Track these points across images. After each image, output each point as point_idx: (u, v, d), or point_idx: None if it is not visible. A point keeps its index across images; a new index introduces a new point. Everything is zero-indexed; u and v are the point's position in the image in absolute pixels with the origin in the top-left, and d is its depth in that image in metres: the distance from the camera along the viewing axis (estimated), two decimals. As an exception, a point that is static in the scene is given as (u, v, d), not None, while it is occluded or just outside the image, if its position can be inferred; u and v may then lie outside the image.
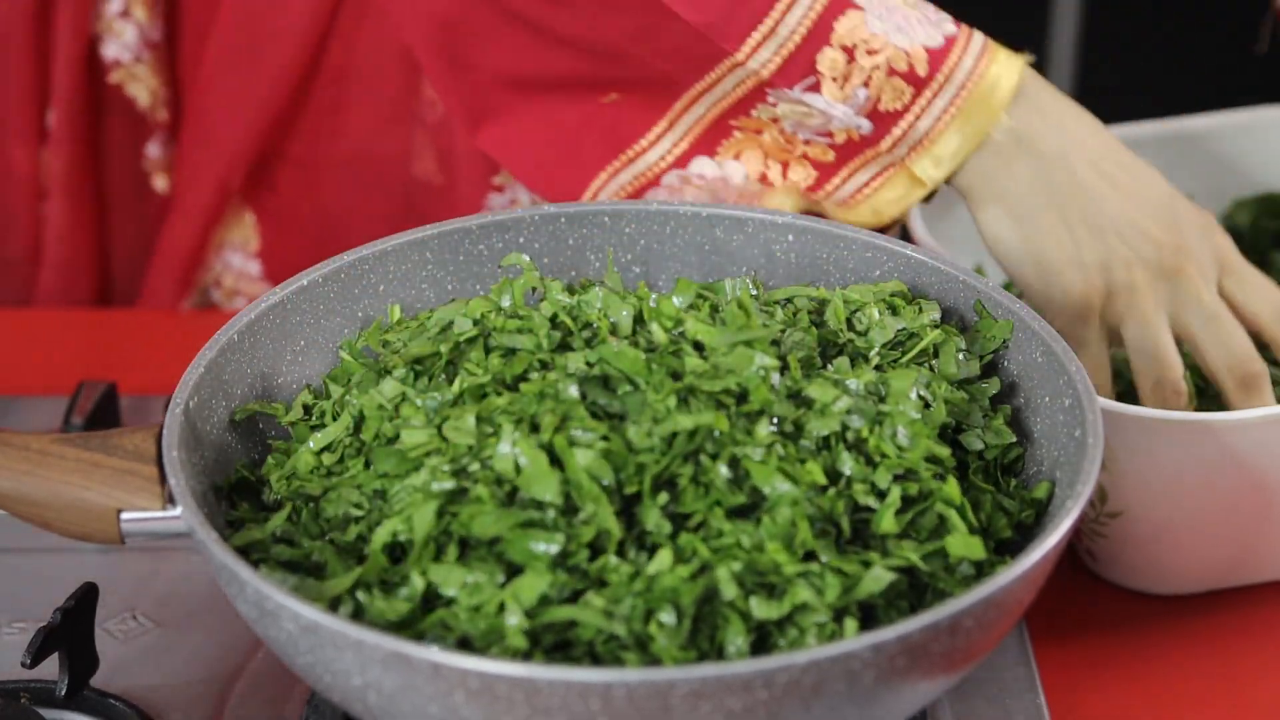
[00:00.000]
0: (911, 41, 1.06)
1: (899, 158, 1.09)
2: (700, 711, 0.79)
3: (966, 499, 0.91)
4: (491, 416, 0.90)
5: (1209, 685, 1.05)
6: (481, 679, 0.79)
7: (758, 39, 1.06)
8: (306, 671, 0.86)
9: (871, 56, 1.06)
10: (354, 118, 1.33)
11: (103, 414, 1.19)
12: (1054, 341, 0.97)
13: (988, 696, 1.02)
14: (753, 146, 1.11)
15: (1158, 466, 1.04)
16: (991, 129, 1.07)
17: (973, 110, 1.07)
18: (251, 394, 0.99)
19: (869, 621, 0.87)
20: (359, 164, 1.34)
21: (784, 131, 1.09)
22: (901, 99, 1.07)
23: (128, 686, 1.02)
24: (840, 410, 0.91)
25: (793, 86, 1.06)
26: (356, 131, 1.33)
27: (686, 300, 0.99)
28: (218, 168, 1.33)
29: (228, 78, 1.32)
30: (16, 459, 0.93)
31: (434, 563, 0.87)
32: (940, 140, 1.08)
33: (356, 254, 1.03)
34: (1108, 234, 1.07)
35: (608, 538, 0.86)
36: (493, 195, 1.31)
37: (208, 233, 1.36)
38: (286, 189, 1.36)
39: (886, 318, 1.00)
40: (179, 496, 0.88)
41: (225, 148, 1.33)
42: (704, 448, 0.88)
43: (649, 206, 1.07)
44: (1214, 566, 1.10)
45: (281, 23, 1.30)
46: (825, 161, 1.10)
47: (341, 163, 1.34)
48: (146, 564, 1.10)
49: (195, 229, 1.36)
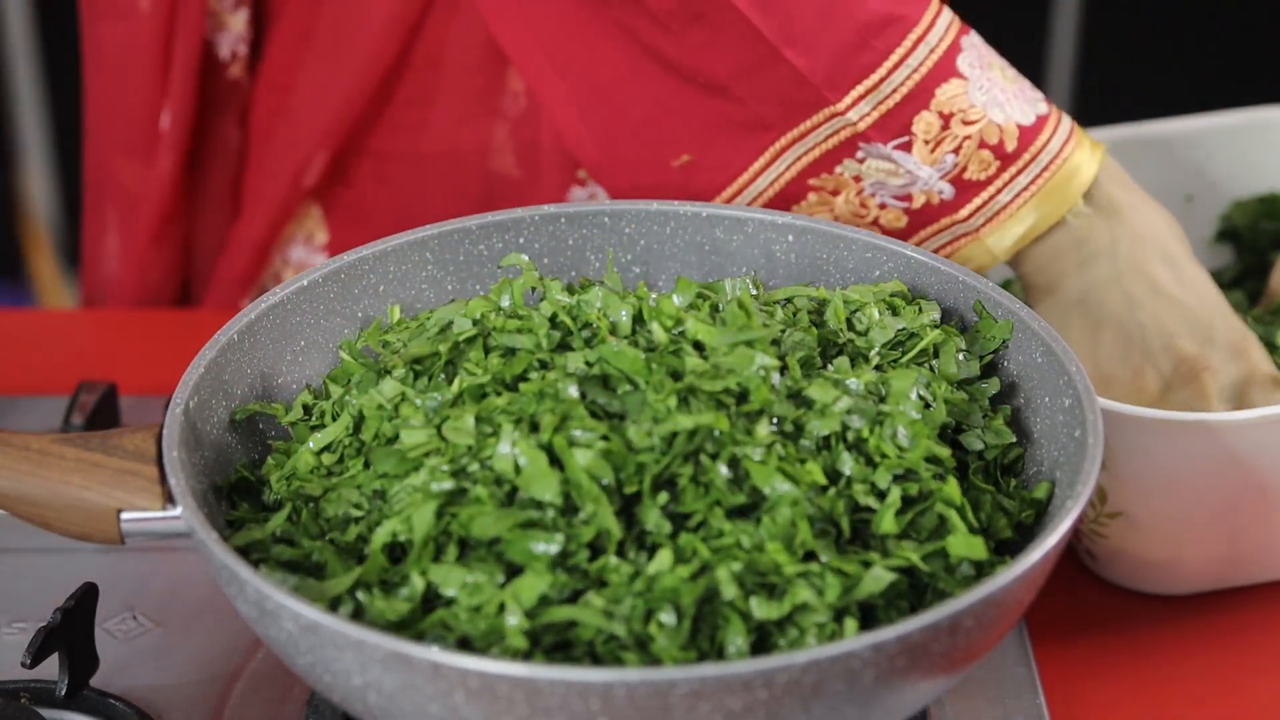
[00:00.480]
0: (1006, 117, 1.09)
1: (974, 228, 1.10)
2: (700, 711, 0.79)
3: (966, 499, 0.91)
4: (491, 416, 0.90)
5: (1209, 685, 1.05)
6: (481, 679, 0.79)
7: (860, 92, 1.07)
8: (306, 671, 0.86)
9: (967, 126, 1.08)
10: (437, 111, 1.32)
11: (103, 414, 1.19)
12: (1054, 341, 0.97)
13: (988, 696, 1.02)
14: (825, 211, 1.12)
15: (1158, 466, 1.04)
16: (1066, 212, 1.10)
17: (1051, 191, 1.09)
18: (251, 394, 0.99)
19: (869, 621, 0.87)
20: (437, 158, 1.33)
21: (861, 194, 1.10)
22: (987, 171, 1.09)
23: (128, 686, 1.02)
24: (840, 410, 0.91)
25: (887, 142, 1.08)
26: (438, 125, 1.32)
27: (686, 299, 0.99)
28: (296, 160, 1.33)
29: (313, 70, 1.31)
30: (16, 459, 0.93)
31: (434, 563, 0.87)
32: (1017, 215, 1.10)
33: (356, 254, 1.03)
34: (1132, 345, 1.09)
35: (608, 538, 0.86)
36: (575, 189, 1.31)
37: (277, 228, 1.36)
38: (360, 183, 1.35)
39: (887, 318, 1.00)
40: (179, 496, 0.88)
41: (306, 141, 1.32)
42: (704, 448, 0.88)
43: (649, 206, 1.07)
44: (1214, 566, 1.10)
45: (371, 15, 1.29)
46: (897, 229, 1.12)
47: (420, 156, 1.33)
48: (146, 564, 1.10)
49: (265, 223, 1.35)
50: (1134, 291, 1.09)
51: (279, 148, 1.34)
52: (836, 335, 0.99)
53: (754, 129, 1.11)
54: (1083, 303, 1.10)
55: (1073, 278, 1.11)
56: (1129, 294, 1.09)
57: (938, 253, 1.11)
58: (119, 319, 1.38)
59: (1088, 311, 1.10)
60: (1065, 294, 1.11)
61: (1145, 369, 1.08)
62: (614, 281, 1.03)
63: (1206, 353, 1.08)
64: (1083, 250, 1.10)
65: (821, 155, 1.10)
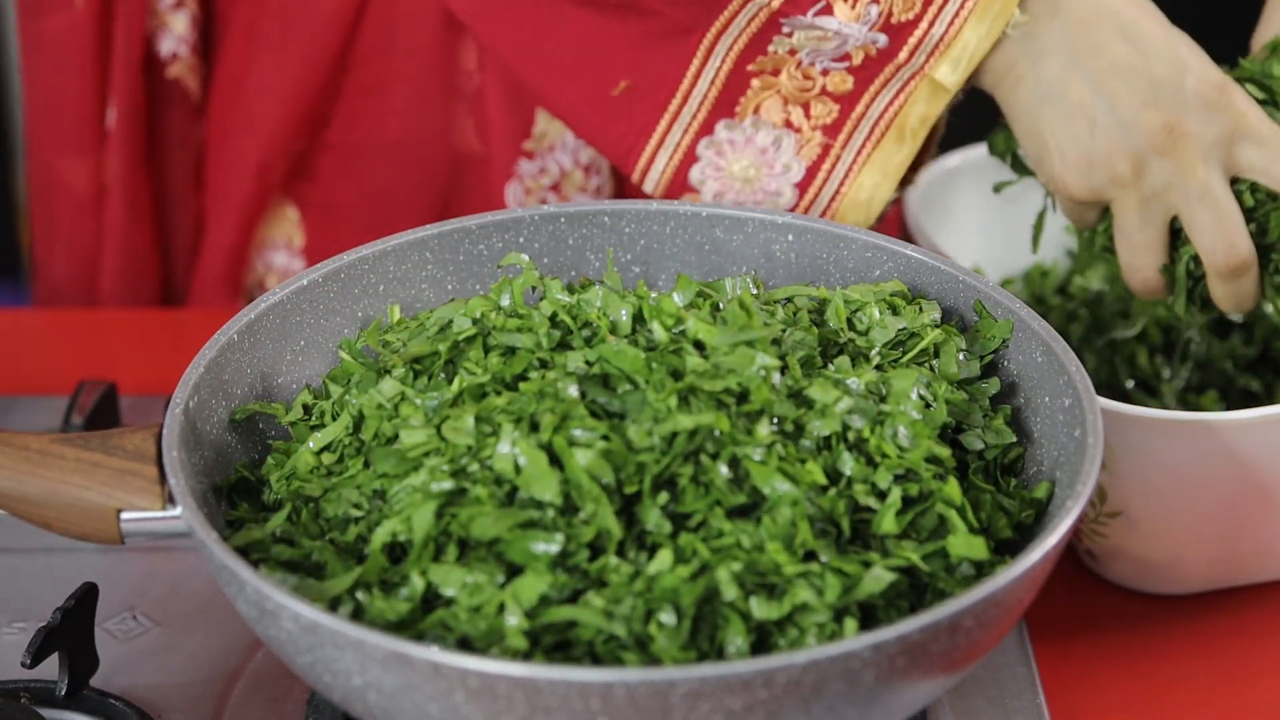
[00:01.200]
0: None
1: (918, 67, 1.08)
2: (700, 711, 0.79)
3: (967, 499, 0.91)
4: (491, 416, 0.90)
5: (1209, 685, 1.05)
6: (481, 679, 0.79)
7: None
8: (306, 671, 0.86)
9: None
10: (394, 98, 1.32)
11: (103, 414, 1.19)
12: (1054, 341, 0.97)
13: (988, 696, 1.02)
14: (771, 94, 1.10)
15: (1158, 466, 1.04)
16: (1005, 26, 1.07)
17: (984, 9, 1.07)
18: (251, 394, 0.99)
19: (869, 621, 0.87)
20: (400, 145, 1.33)
21: (801, 65, 1.09)
22: (913, 9, 1.07)
23: (128, 686, 1.02)
24: (841, 410, 0.91)
25: (805, 12, 1.06)
26: (398, 111, 1.32)
27: (687, 298, 0.99)
28: (257, 154, 1.33)
29: (263, 60, 1.31)
30: (16, 459, 0.93)
31: (434, 563, 0.87)
32: (957, 42, 1.07)
33: (356, 254, 1.03)
34: (1099, 130, 1.05)
35: (608, 538, 0.86)
36: (522, 161, 1.31)
37: (250, 226, 1.35)
38: (326, 178, 1.35)
39: (887, 317, 1.00)
40: (179, 496, 0.88)
41: (263, 132, 1.32)
42: (704, 447, 0.88)
43: (649, 206, 1.07)
44: (1214, 566, 1.10)
45: (318, 5, 1.29)
46: (845, 91, 1.10)
47: (383, 145, 1.33)
48: (146, 564, 1.10)
49: (237, 221, 1.35)
50: (1094, 76, 1.06)
51: (239, 145, 1.34)
52: (837, 335, 0.99)
53: (678, 35, 1.10)
54: (1046, 100, 1.07)
55: (1029, 80, 1.08)
56: (1090, 79, 1.06)
57: (893, 102, 1.09)
58: (119, 319, 1.38)
59: (1053, 107, 1.07)
60: (1028, 97, 1.08)
61: (1115, 154, 1.05)
62: (614, 281, 1.03)
63: (1179, 116, 1.04)
64: (1032, 50, 1.07)
65: (750, 41, 1.09)
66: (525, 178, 1.30)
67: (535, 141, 1.30)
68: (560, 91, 1.14)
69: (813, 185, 1.11)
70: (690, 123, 1.11)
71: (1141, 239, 1.07)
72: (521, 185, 1.31)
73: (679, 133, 1.11)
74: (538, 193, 1.31)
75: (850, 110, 1.10)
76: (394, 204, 1.35)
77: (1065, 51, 1.06)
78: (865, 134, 1.10)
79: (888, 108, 1.10)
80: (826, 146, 1.10)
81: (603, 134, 1.13)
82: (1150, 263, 1.07)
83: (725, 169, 1.11)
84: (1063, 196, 1.08)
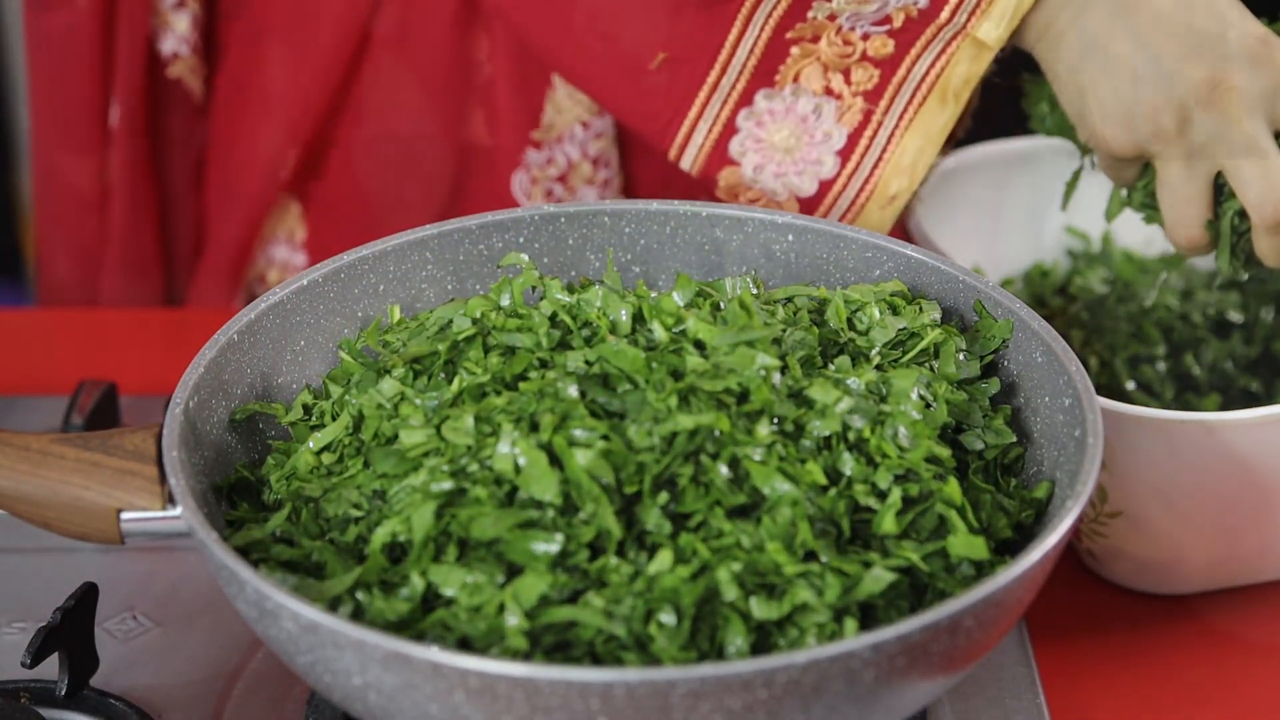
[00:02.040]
0: None
1: (960, 26, 1.07)
2: (700, 711, 0.79)
3: (967, 499, 0.91)
4: (491, 416, 0.90)
5: (1209, 685, 1.05)
6: (481, 679, 0.79)
7: None
8: (306, 671, 0.86)
9: None
10: (405, 90, 1.32)
11: (103, 414, 1.19)
12: (1054, 341, 0.97)
13: (988, 696, 1.02)
14: (810, 61, 1.09)
15: (1158, 466, 1.04)
16: None
17: None
18: (251, 394, 0.99)
19: (869, 621, 0.87)
20: (410, 138, 1.33)
21: (841, 30, 1.08)
22: None
23: (128, 686, 1.02)
24: (841, 410, 0.91)
25: None
26: (407, 104, 1.32)
27: (687, 297, 0.99)
28: (268, 153, 1.33)
29: (274, 59, 1.31)
30: (16, 459, 0.93)
31: (434, 563, 0.87)
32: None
33: (356, 254, 1.03)
34: (1143, 83, 1.04)
35: (608, 538, 0.86)
36: (530, 151, 1.30)
37: (257, 223, 1.35)
38: (332, 173, 1.35)
39: (888, 317, 1.00)
40: (179, 496, 0.88)
41: (275, 131, 1.32)
42: (704, 447, 0.88)
43: (649, 206, 1.07)
44: (1214, 566, 1.10)
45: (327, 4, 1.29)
46: (886, 55, 1.09)
47: (391, 139, 1.33)
48: (146, 564, 1.10)
49: (244, 219, 1.35)
50: (1136, 30, 1.05)
51: (248, 145, 1.33)
52: (837, 335, 0.99)
53: (716, 3, 1.09)
54: (1087, 56, 1.06)
55: (1070, 36, 1.07)
56: (1133, 33, 1.05)
57: (935, 63, 1.08)
58: (119, 319, 1.38)
59: (1095, 62, 1.06)
60: (1069, 54, 1.07)
61: (1159, 108, 1.04)
62: (614, 281, 1.03)
63: (1222, 69, 1.04)
64: (1073, 5, 1.06)
65: (789, 7, 1.08)
66: (532, 168, 1.30)
67: (543, 131, 1.29)
68: (591, 65, 1.13)
69: (855, 152, 1.10)
70: (730, 93, 1.10)
71: (1186, 194, 1.06)
72: (528, 175, 1.30)
73: (718, 104, 1.10)
74: (544, 183, 1.30)
75: (891, 74, 1.09)
76: (398, 197, 1.34)
77: (1107, 6, 1.06)
78: (907, 98, 1.09)
79: (930, 69, 1.08)
80: (868, 113, 1.09)
81: (637, 109, 1.12)
82: (1195, 218, 1.07)
83: (766, 140, 1.10)
84: (1104, 153, 1.07)
